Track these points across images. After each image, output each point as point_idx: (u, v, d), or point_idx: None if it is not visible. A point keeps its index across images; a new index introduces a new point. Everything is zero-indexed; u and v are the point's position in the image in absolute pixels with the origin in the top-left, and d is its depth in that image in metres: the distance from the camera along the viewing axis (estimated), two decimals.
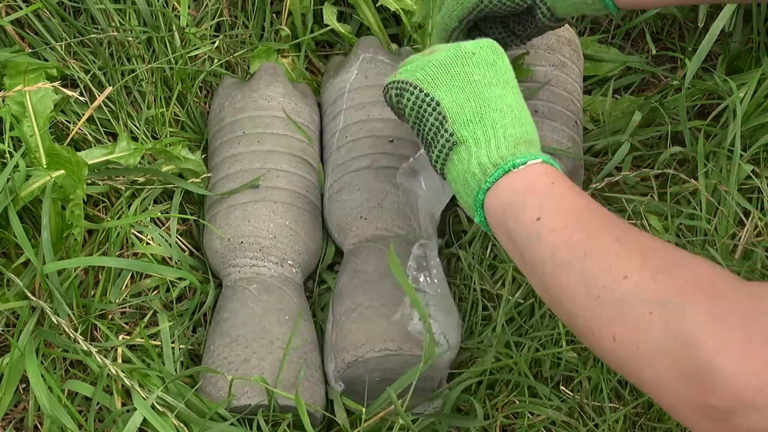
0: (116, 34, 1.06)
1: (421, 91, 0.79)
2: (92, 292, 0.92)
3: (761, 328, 0.52)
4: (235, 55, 1.13)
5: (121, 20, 1.08)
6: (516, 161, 0.72)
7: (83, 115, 0.98)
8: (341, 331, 0.88)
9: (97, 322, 0.89)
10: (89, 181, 0.95)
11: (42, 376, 0.81)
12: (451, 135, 0.76)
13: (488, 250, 1.00)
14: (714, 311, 0.54)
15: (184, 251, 0.99)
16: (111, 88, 1.00)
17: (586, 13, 0.87)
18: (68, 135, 0.98)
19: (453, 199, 0.96)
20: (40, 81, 0.95)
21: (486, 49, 0.80)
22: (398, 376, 0.84)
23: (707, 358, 0.52)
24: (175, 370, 0.88)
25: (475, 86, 0.77)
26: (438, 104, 0.77)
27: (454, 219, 1.01)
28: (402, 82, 0.80)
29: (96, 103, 0.97)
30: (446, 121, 0.77)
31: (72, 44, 1.04)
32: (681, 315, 0.55)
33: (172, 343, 0.91)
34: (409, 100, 0.80)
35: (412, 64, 0.81)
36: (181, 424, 0.81)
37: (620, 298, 0.59)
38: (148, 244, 0.96)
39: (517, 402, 0.87)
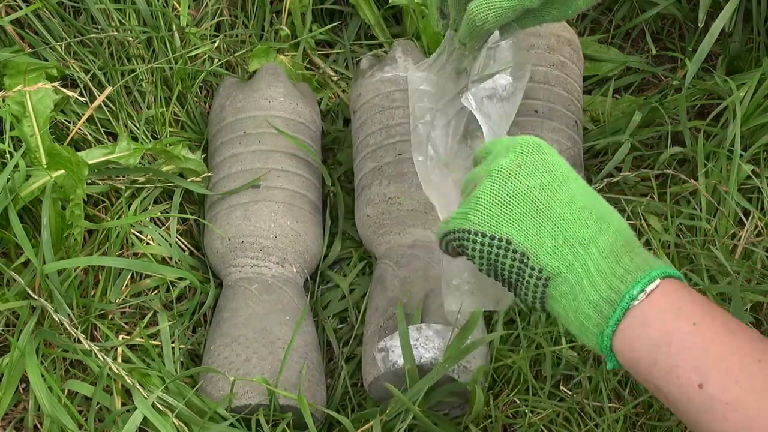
0: (116, 34, 1.06)
1: (484, 236, 0.67)
2: (92, 292, 0.92)
3: None
4: (235, 55, 1.13)
5: (121, 20, 1.08)
6: (633, 292, 0.62)
7: (83, 115, 0.98)
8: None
9: (97, 322, 0.89)
10: (89, 181, 0.95)
11: (42, 376, 0.81)
12: (540, 271, 0.65)
13: None
14: None
15: (184, 251, 0.99)
16: (111, 88, 1.00)
17: None
18: (68, 135, 0.98)
19: None
20: (40, 81, 0.95)
21: (528, 152, 0.68)
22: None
23: None
24: (175, 370, 0.88)
25: (540, 204, 0.66)
26: (509, 243, 0.66)
27: None
28: (458, 232, 0.68)
29: (96, 103, 0.97)
30: (527, 259, 0.66)
31: (72, 44, 1.04)
32: None
33: (172, 343, 0.91)
34: (474, 250, 0.68)
35: (463, 204, 0.70)
36: (182, 424, 0.81)
37: None
38: (148, 244, 0.96)
39: (518, 401, 0.87)
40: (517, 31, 0.83)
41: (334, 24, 1.18)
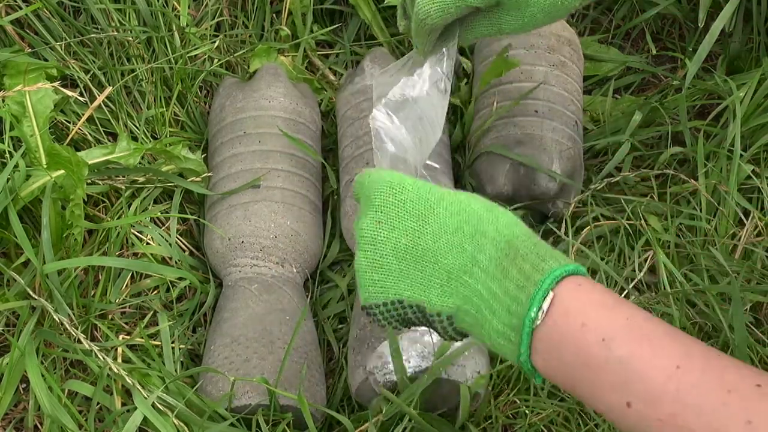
0: (116, 34, 1.06)
1: (378, 306, 0.65)
2: (92, 292, 0.92)
3: None
4: (235, 55, 1.13)
5: (121, 20, 1.08)
6: (530, 315, 0.58)
7: (83, 115, 0.98)
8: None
9: (97, 322, 0.89)
10: (89, 181, 0.95)
11: (42, 376, 0.81)
12: (440, 314, 0.63)
13: None
14: None
15: (184, 251, 0.99)
16: (111, 88, 1.00)
17: None
18: (68, 135, 0.98)
19: None
20: (40, 81, 0.95)
21: (385, 202, 0.65)
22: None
23: None
24: (176, 370, 0.88)
25: (412, 250, 0.64)
26: (401, 302, 0.64)
27: None
28: (367, 308, 0.66)
29: (96, 103, 0.97)
30: (424, 308, 0.64)
31: (72, 44, 1.04)
32: None
33: (172, 343, 0.91)
34: (381, 319, 0.66)
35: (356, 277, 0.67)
36: (182, 424, 0.81)
37: None
38: (148, 244, 0.96)
39: (518, 401, 0.87)
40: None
41: (335, 26, 1.18)
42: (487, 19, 0.80)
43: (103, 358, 0.82)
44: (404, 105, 0.82)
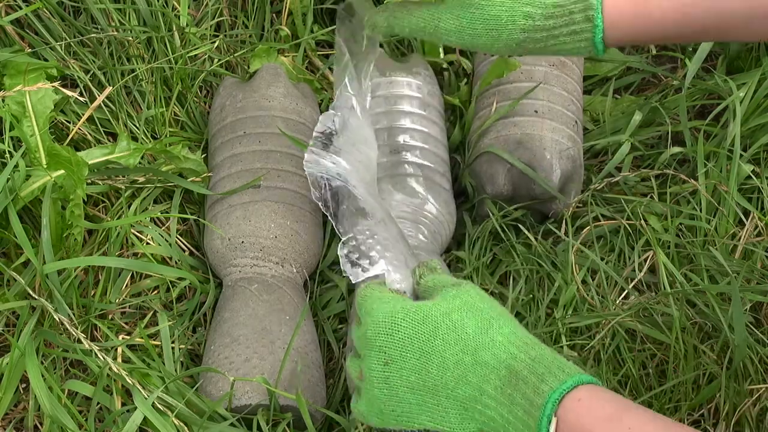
0: (116, 34, 1.06)
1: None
2: (92, 292, 0.92)
3: None
4: (235, 55, 1.13)
5: (121, 20, 1.08)
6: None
7: (83, 115, 0.98)
8: None
9: (97, 322, 0.89)
10: (89, 181, 0.95)
11: (42, 376, 0.81)
12: None
13: (488, 250, 1.00)
14: None
15: (184, 251, 0.99)
16: (111, 87, 1.00)
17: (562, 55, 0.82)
18: (68, 135, 0.98)
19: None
20: (40, 81, 0.95)
21: (387, 342, 0.68)
22: None
23: None
24: (176, 370, 0.88)
25: (423, 386, 0.67)
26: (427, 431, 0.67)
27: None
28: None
29: (96, 103, 0.97)
30: None
31: (72, 44, 1.04)
32: None
33: (172, 343, 0.91)
34: None
35: (362, 403, 0.70)
36: (182, 424, 0.81)
37: None
38: (148, 244, 0.96)
39: None
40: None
41: (335, 27, 1.18)
42: (428, 10, 0.78)
43: (103, 358, 0.82)
44: (331, 138, 0.83)
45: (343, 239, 0.77)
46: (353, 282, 0.75)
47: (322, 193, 0.81)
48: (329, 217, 0.80)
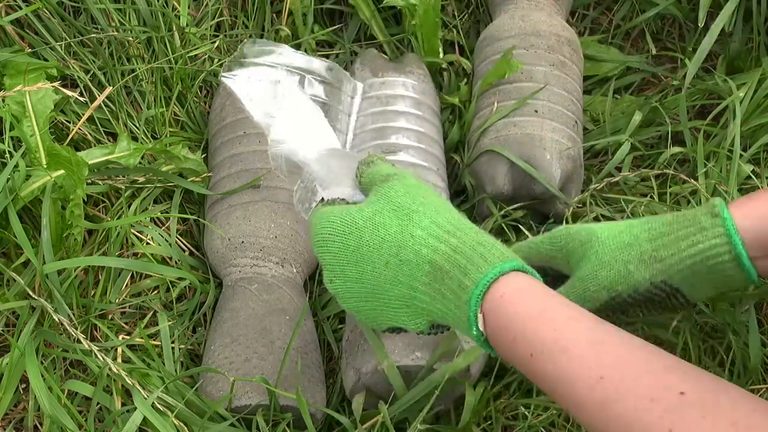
0: (116, 34, 1.06)
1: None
2: (92, 292, 0.92)
3: None
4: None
5: (121, 20, 1.08)
6: (473, 333, 0.62)
7: (83, 115, 0.98)
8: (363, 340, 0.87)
9: (97, 322, 0.89)
10: (89, 181, 0.95)
11: (42, 376, 0.81)
12: (422, 332, 0.69)
13: None
14: None
15: (184, 251, 0.99)
16: (111, 87, 1.00)
17: (724, 290, 0.75)
18: (68, 135, 0.98)
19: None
20: (40, 81, 0.95)
21: (327, 262, 0.72)
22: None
23: None
24: (176, 370, 0.88)
25: (369, 293, 0.70)
26: (398, 329, 0.72)
27: None
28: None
29: (96, 103, 0.97)
30: (410, 331, 0.71)
31: (72, 44, 1.04)
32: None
33: (172, 343, 0.91)
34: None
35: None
36: (182, 424, 0.81)
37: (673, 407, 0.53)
38: (148, 244, 0.96)
39: (518, 403, 0.87)
40: None
41: (335, 27, 1.18)
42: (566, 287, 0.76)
43: (103, 358, 0.82)
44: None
45: (293, 192, 0.81)
46: (307, 219, 0.78)
47: (279, 163, 0.83)
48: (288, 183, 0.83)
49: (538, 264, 0.79)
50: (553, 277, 0.79)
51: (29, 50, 1.02)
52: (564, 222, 1.00)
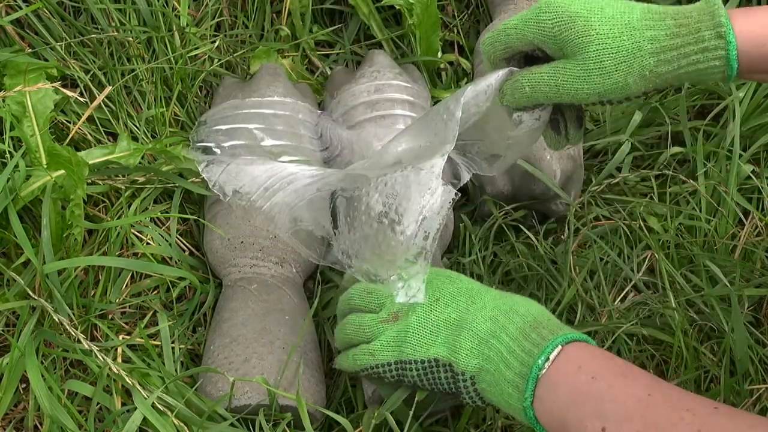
0: (116, 34, 1.06)
1: (420, 362, 0.77)
2: (92, 292, 0.92)
3: None
4: (235, 55, 1.13)
5: (121, 20, 1.08)
6: (539, 362, 0.68)
7: (83, 115, 0.98)
8: None
9: (97, 322, 0.89)
10: (89, 181, 0.95)
11: (42, 376, 0.81)
12: (464, 374, 0.74)
13: (489, 252, 1.00)
14: None
15: (184, 251, 0.99)
16: (110, 87, 1.00)
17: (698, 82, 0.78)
18: (68, 135, 0.98)
19: None
20: (40, 81, 0.95)
21: (444, 284, 0.79)
22: None
23: None
24: (176, 370, 0.88)
25: (457, 321, 0.76)
26: (437, 360, 0.76)
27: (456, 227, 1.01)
28: (395, 364, 0.78)
29: (96, 103, 0.97)
30: (453, 367, 0.75)
31: (72, 44, 1.04)
32: None
33: (172, 343, 0.91)
34: (413, 377, 0.78)
35: (385, 337, 0.79)
36: (182, 424, 0.81)
37: None
38: (148, 244, 0.96)
39: None
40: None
41: (335, 27, 1.18)
42: (549, 73, 0.73)
43: (103, 358, 0.82)
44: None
45: None
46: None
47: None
48: None
49: (522, 49, 0.75)
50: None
51: (29, 50, 1.02)
52: (566, 224, 1.00)
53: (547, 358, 0.68)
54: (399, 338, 0.78)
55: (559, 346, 0.69)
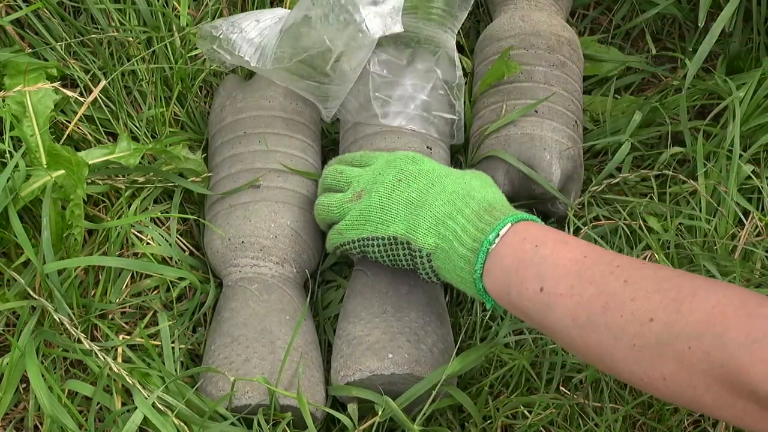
0: (116, 34, 1.06)
1: (381, 239, 0.83)
2: (92, 292, 0.92)
3: None
4: None
5: (121, 20, 1.08)
6: (489, 237, 0.74)
7: (80, 111, 0.98)
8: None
9: (97, 322, 0.89)
10: (89, 181, 0.95)
11: (42, 375, 0.81)
12: (421, 251, 0.80)
13: None
14: (752, 334, 0.54)
15: (184, 251, 0.99)
16: (105, 81, 1.00)
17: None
18: (68, 135, 0.98)
19: None
20: (40, 81, 0.95)
21: (407, 166, 0.84)
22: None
23: (760, 379, 0.53)
24: (176, 370, 0.88)
25: (417, 202, 0.81)
26: (396, 237, 0.82)
27: None
28: (357, 241, 0.86)
29: (91, 97, 0.97)
30: (410, 244, 0.81)
31: (72, 44, 1.04)
32: (721, 344, 0.56)
33: (172, 343, 0.91)
34: (375, 251, 0.85)
35: (350, 216, 0.86)
36: (182, 424, 0.81)
37: (655, 341, 0.60)
38: (148, 244, 0.96)
39: (517, 402, 0.87)
40: None
41: None
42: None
43: (104, 358, 0.82)
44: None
45: None
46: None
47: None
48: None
49: None
50: None
51: (29, 50, 1.02)
52: (566, 224, 1.00)
53: (498, 234, 0.74)
54: (362, 216, 0.84)
55: (509, 224, 0.74)
